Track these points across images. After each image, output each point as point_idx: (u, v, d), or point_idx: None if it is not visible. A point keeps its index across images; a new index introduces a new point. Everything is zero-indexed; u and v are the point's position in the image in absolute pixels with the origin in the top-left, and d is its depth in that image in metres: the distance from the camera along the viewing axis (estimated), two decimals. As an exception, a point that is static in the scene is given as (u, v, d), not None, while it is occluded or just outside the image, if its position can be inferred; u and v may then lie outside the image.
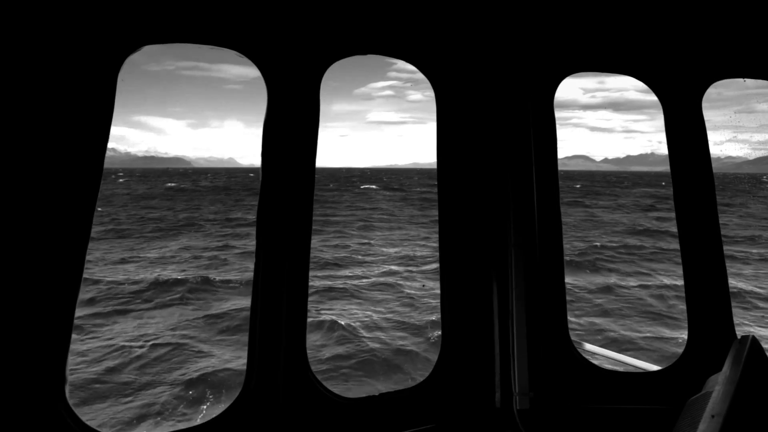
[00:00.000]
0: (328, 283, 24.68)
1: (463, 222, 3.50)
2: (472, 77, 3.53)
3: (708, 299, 3.60)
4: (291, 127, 3.13)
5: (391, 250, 34.26)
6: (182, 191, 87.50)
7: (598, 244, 35.32)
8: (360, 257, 31.66)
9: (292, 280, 3.08)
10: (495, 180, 3.56)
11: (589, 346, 4.18)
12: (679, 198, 3.67)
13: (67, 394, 2.57)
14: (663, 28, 3.66)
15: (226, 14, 3.00)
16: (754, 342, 3.09)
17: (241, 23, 3.03)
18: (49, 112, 2.59)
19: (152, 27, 2.85)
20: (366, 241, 37.45)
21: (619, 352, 4.38)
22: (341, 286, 24.18)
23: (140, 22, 2.82)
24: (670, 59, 3.69)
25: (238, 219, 50.26)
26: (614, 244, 35.42)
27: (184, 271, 27.32)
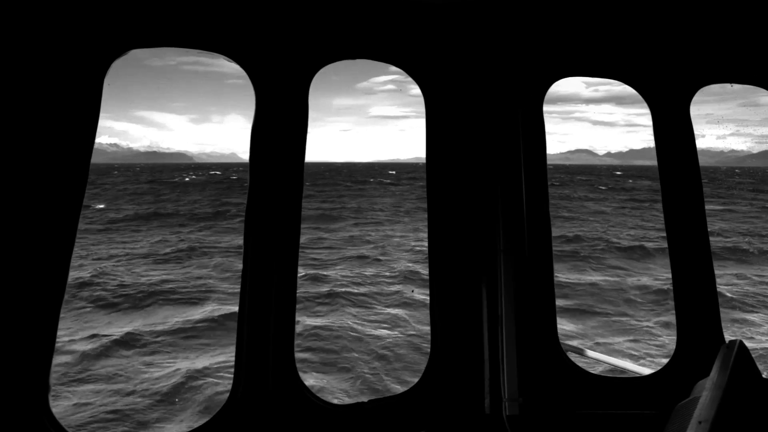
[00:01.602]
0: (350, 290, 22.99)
1: (453, 227, 3.50)
2: (462, 82, 3.52)
3: (696, 304, 3.60)
4: (279, 131, 3.13)
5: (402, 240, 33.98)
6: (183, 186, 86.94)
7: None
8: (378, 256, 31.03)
9: (281, 285, 3.08)
10: (484, 185, 3.55)
11: (591, 353, 4.19)
12: (668, 203, 3.67)
13: (51, 403, 2.58)
14: (651, 33, 3.65)
15: (214, 19, 2.99)
16: (742, 347, 3.09)
17: (229, 28, 3.03)
18: (36, 115, 2.59)
19: (139, 31, 2.85)
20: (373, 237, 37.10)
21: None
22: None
23: (127, 26, 2.82)
24: (658, 64, 3.68)
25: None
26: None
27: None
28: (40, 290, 2.56)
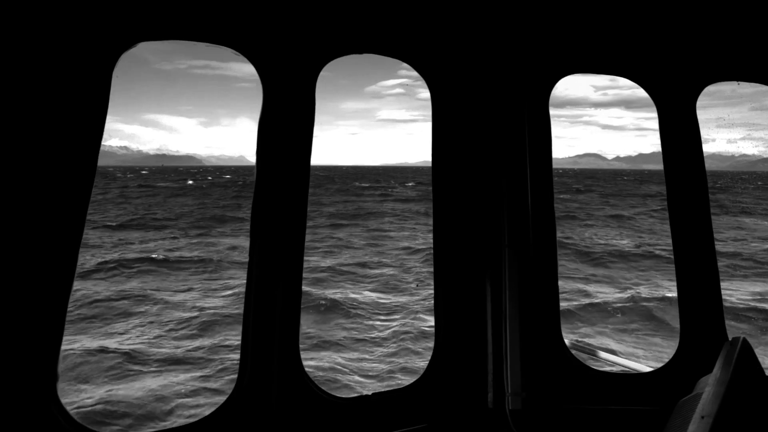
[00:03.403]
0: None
1: (458, 223, 3.52)
2: (468, 77, 3.55)
3: (700, 301, 3.60)
4: (286, 125, 3.15)
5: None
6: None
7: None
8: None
9: (286, 279, 3.11)
10: (489, 181, 3.57)
11: (604, 354, 4.19)
12: (673, 201, 3.67)
13: (59, 393, 2.62)
14: (658, 30, 3.65)
15: (222, 11, 3.01)
16: (745, 344, 3.09)
17: (236, 20, 3.05)
18: (44, 109, 2.60)
19: (147, 23, 2.86)
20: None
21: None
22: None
23: (135, 18, 2.83)
24: (665, 61, 3.69)
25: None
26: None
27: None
28: (49, 281, 2.59)
